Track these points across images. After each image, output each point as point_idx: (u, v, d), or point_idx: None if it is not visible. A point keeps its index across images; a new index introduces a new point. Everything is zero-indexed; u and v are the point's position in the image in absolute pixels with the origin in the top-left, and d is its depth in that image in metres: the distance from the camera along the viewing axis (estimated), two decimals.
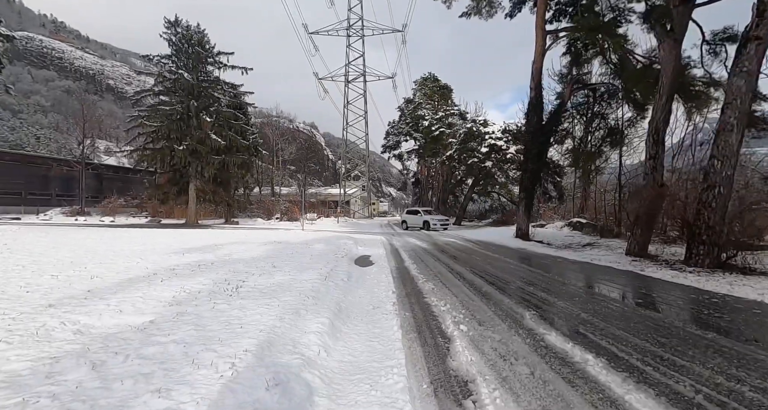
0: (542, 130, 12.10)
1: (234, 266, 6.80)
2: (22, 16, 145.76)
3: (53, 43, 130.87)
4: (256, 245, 10.88)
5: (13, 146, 68.41)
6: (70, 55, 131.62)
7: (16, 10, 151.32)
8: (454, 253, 9.74)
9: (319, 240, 12.94)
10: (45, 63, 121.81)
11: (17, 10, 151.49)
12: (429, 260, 8.45)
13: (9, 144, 70.90)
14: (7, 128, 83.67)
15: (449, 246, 11.89)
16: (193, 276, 5.71)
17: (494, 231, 18.44)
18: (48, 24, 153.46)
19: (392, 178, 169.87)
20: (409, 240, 14.12)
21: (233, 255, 8.53)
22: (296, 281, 5.18)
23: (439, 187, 37.67)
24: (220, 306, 3.79)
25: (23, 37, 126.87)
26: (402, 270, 7.08)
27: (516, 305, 4.23)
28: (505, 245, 11.70)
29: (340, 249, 10.17)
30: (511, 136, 23.16)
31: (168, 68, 23.05)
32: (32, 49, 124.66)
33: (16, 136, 79.85)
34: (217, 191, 25.49)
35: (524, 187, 12.74)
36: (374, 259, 8.88)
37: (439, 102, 33.60)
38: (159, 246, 10.18)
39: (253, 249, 9.65)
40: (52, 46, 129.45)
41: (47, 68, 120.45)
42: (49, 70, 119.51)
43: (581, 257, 8.44)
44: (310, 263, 7.09)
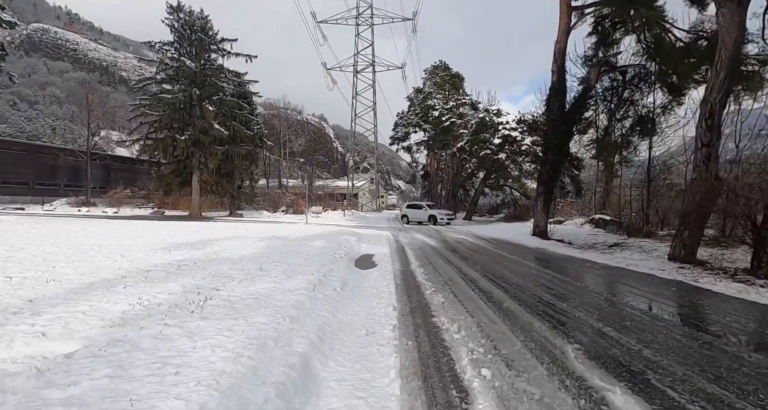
0: (564, 117, 10.93)
1: (217, 267, 6.02)
2: (38, 8, 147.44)
3: (67, 35, 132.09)
4: (252, 241, 10.13)
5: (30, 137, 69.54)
6: (84, 46, 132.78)
7: (31, 2, 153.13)
8: (466, 253, 8.80)
9: (320, 235, 12.15)
10: (60, 54, 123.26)
11: (33, 2, 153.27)
12: (438, 262, 7.54)
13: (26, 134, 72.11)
14: (24, 119, 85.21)
15: (460, 244, 10.94)
16: (164, 281, 4.93)
17: (508, 228, 17.36)
18: (63, 16, 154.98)
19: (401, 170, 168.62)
20: (417, 237, 13.21)
21: (223, 253, 7.77)
22: (279, 291, 4.34)
23: (449, 180, 36.50)
24: (170, 330, 2.97)
25: (38, 29, 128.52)
26: (407, 274, 6.19)
27: (551, 332, 3.30)
28: (522, 244, 10.69)
29: (341, 246, 9.34)
30: (526, 127, 21.83)
31: (170, 55, 22.32)
32: (47, 40, 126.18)
33: (32, 127, 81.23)
34: (221, 183, 24.92)
35: (543, 180, 11.64)
36: (377, 260, 8.01)
37: (450, 91, 32.20)
38: (150, 241, 9.53)
39: (246, 246, 8.89)
40: (66, 37, 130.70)
41: (62, 60, 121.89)
42: (63, 62, 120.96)
43: (613, 261, 7.40)
44: (302, 265, 6.26)
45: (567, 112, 10.95)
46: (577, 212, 17.83)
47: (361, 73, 56.36)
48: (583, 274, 6.22)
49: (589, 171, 23.68)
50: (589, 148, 14.80)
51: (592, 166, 23.29)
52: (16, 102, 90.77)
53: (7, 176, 27.13)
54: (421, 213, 21.28)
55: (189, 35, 23.31)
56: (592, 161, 22.70)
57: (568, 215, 17.49)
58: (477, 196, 26.58)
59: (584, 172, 22.86)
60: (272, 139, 58.08)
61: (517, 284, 5.36)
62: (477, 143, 22.90)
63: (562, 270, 6.59)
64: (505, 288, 5.05)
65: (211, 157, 22.89)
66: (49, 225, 13.44)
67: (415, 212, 21.69)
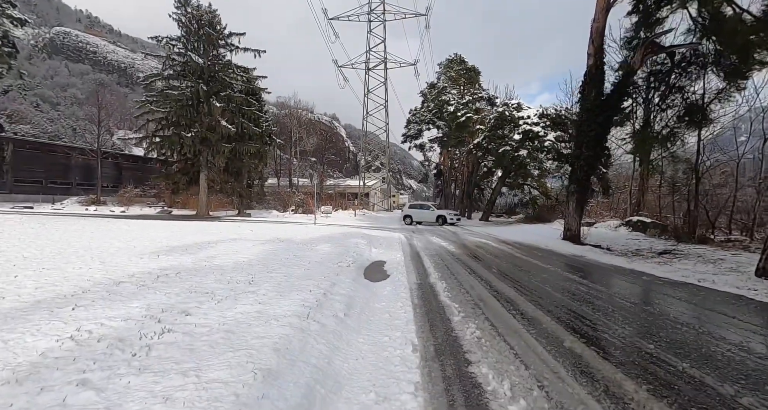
0: (603, 107, 9.60)
1: (201, 279, 5.07)
2: (60, 12, 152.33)
3: (88, 38, 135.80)
4: (252, 244, 9.22)
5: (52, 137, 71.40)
6: (104, 49, 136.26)
7: (54, 6, 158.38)
8: (492, 262, 7.63)
9: (328, 238, 11.18)
10: (80, 57, 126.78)
11: (55, 6, 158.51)
12: (460, 272, 6.42)
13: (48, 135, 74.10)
14: (46, 120, 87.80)
15: (482, 249, 9.76)
16: (129, 300, 3.99)
17: (531, 230, 16.03)
18: (83, 19, 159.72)
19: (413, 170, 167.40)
20: (432, 240, 12.08)
21: (216, 259, 6.86)
22: (263, 318, 3.33)
23: (464, 179, 35.09)
24: (81, 396, 1.97)
25: (60, 32, 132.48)
26: (426, 290, 5.10)
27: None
28: (554, 250, 9.43)
29: (349, 252, 8.32)
30: (549, 121, 20.36)
31: (177, 50, 21.77)
32: (69, 43, 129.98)
33: (54, 128, 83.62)
34: (229, 181, 24.33)
35: (576, 178, 10.33)
36: (389, 269, 6.93)
37: (465, 86, 30.83)
38: (143, 244, 8.75)
39: (244, 251, 7.97)
40: (87, 40, 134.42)
41: (82, 62, 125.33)
42: (84, 64, 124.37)
43: (676, 274, 6.11)
44: (301, 277, 5.25)
45: (605, 100, 9.62)
46: (609, 213, 16.32)
47: (372, 71, 55.41)
48: (650, 294, 5.00)
49: (618, 169, 22.03)
50: (625, 142, 13.35)
51: (621, 164, 21.65)
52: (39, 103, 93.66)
53: (20, 175, 27.24)
54: (427, 214, 20.42)
55: (196, 30, 22.73)
56: (621, 158, 21.09)
57: (598, 216, 16.03)
58: (495, 195, 25.19)
59: (611, 170, 21.24)
60: (283, 137, 57.76)
61: (570, 308, 4.20)
62: (495, 139, 21.55)
63: (619, 288, 5.37)
64: (557, 315, 3.90)
65: (219, 154, 22.27)
66: (49, 225, 12.91)
67: (420, 212, 20.78)
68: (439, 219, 19.81)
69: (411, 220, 20.47)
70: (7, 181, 26.26)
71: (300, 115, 58.13)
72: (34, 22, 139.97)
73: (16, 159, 26.80)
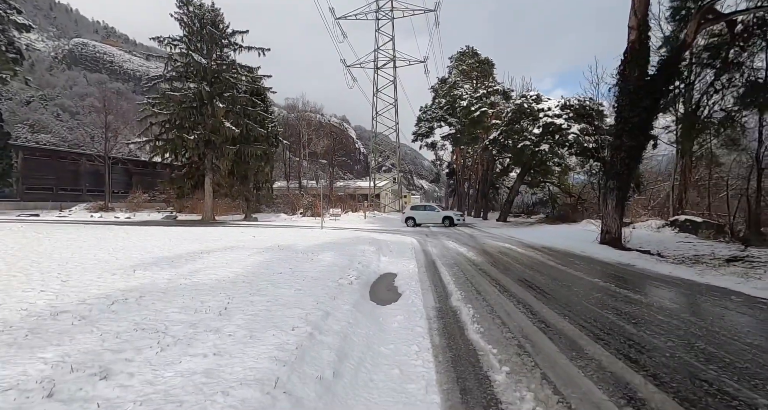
0: (648, 88, 8.17)
1: (164, 307, 4.00)
2: (78, 24, 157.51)
3: (105, 48, 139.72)
4: (248, 254, 8.20)
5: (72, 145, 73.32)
6: (120, 58, 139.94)
7: (73, 19, 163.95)
8: (523, 273, 6.34)
9: (333, 244, 10.08)
10: (98, 67, 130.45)
11: (74, 19, 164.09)
12: (488, 290, 5.17)
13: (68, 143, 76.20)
14: (66, 128, 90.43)
15: (507, 257, 8.45)
16: (46, 344, 2.93)
17: (557, 232, 14.55)
18: (100, 30, 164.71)
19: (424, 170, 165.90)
20: (448, 245, 10.82)
21: (197, 275, 5.84)
22: (210, 386, 2.20)
23: (478, 178, 33.56)
24: None
25: (79, 44, 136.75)
26: (449, 322, 3.87)
27: None
28: (594, 257, 8.05)
29: (354, 262, 7.17)
30: (572, 113, 18.76)
31: (179, 51, 21.16)
32: (87, 54, 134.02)
33: (73, 136, 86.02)
34: (235, 185, 23.58)
35: (615, 172, 8.89)
36: (400, 285, 5.74)
37: (478, 80, 29.35)
38: (130, 255, 7.89)
39: (236, 263, 6.94)
40: (104, 50, 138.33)
41: (99, 71, 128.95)
42: (101, 73, 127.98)
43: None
44: (289, 304, 4.11)
45: (651, 81, 8.18)
46: (644, 212, 14.69)
47: (381, 70, 54.38)
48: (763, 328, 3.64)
49: (647, 163, 20.22)
50: (667, 130, 11.76)
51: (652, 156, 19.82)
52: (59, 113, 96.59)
53: (31, 182, 27.24)
54: (433, 215, 19.60)
55: (199, 29, 22.09)
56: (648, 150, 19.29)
57: (634, 215, 14.40)
58: (513, 194, 23.64)
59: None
60: (292, 139, 57.26)
61: (662, 352, 2.91)
62: (513, 134, 20.08)
63: (716, 318, 4.02)
64: (652, 371, 2.63)
65: (223, 157, 21.53)
66: (43, 235, 12.28)
67: (424, 214, 19.82)
68: (445, 220, 19.07)
69: (414, 222, 19.41)
70: (17, 189, 26.25)
71: (310, 118, 57.46)
72: (54, 35, 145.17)
73: (26, 166, 26.80)
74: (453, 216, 19.05)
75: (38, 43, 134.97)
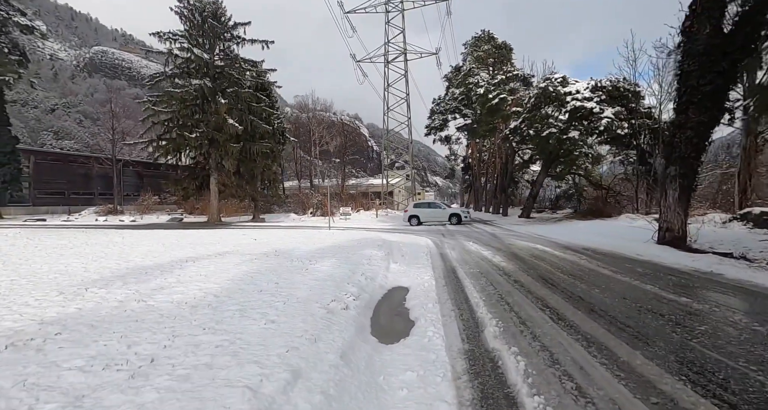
0: (724, 47, 6.43)
1: (74, 353, 2.78)
2: (98, 33, 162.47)
3: (123, 55, 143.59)
4: (237, 262, 7.02)
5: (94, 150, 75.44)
6: (137, 64, 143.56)
7: (93, 28, 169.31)
8: (573, 287, 4.82)
9: (337, 249, 8.79)
10: (117, 73, 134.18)
11: (94, 28, 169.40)
12: (534, 317, 3.70)
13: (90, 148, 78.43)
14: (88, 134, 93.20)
15: (544, 262, 6.91)
16: None
17: (594, 229, 12.78)
18: (119, 37, 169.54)
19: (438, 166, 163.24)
20: (469, 247, 9.33)
21: (161, 293, 4.69)
22: None
23: (496, 171, 31.59)
24: None
25: (98, 52, 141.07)
26: (488, 381, 2.47)
27: None
28: (658, 262, 6.41)
29: (357, 273, 5.83)
30: (605, 95, 16.77)
31: (179, 45, 20.31)
32: (106, 61, 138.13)
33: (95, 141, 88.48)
34: (241, 185, 22.67)
35: (678, 155, 7.18)
36: (413, 307, 4.35)
37: (495, 66, 27.41)
38: (106, 265, 6.98)
39: (219, 274, 5.77)
40: (122, 57, 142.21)
41: (119, 78, 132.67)
42: (120, 80, 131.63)
43: None
44: (249, 348, 2.80)
45: (728, 37, 6.43)
46: (701, 203, 12.70)
47: (392, 64, 52.74)
48: None
49: None
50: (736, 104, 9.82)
51: None
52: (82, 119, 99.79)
53: (42, 186, 27.22)
54: (438, 213, 18.16)
55: (200, 23, 21.19)
56: None
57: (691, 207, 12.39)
58: (537, 188, 21.73)
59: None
60: (303, 137, 56.43)
61: None
62: (536, 121, 18.23)
63: None
64: None
65: (228, 156, 20.60)
66: (34, 241, 11.61)
67: (429, 211, 18.37)
68: (452, 218, 17.71)
69: (418, 221, 18.00)
70: (30, 193, 26.22)
71: (321, 117, 56.29)
72: (76, 44, 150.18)
73: (37, 171, 26.75)
74: (461, 214, 17.87)
75: (61, 52, 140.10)
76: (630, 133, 17.38)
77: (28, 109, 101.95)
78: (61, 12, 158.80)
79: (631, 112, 17.07)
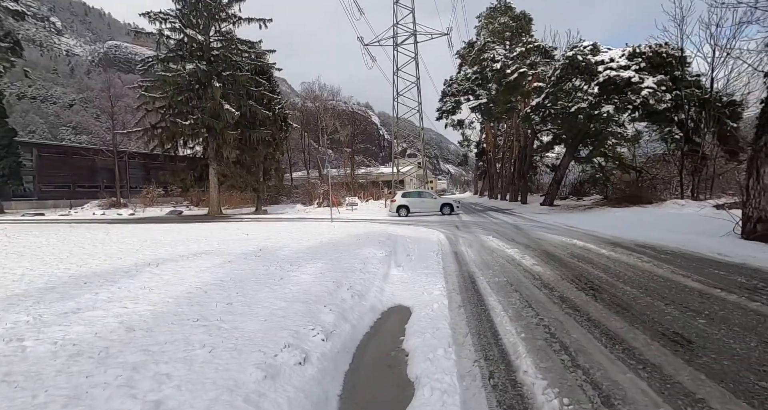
0: None
1: None
2: (111, 27, 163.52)
3: (135, 48, 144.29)
4: (205, 267, 5.79)
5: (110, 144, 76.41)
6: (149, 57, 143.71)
7: (106, 22, 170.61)
8: (655, 311, 3.21)
9: (331, 247, 7.37)
10: (131, 67, 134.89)
11: (107, 22, 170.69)
12: (627, 388, 2.15)
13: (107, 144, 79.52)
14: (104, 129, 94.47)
15: (593, 265, 5.26)
16: None
17: (637, 219, 10.89)
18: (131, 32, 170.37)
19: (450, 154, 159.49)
20: (489, 244, 7.71)
21: (68, 318, 3.50)
22: None
23: (513, 156, 29.34)
24: None
25: (112, 46, 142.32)
26: None
27: None
28: (761, 267, 4.68)
29: (342, 286, 4.35)
30: (645, 62, 14.44)
31: (169, 25, 18.92)
32: (120, 56, 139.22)
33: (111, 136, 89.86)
34: (241, 175, 21.49)
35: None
36: (414, 351, 2.84)
37: (512, 40, 24.92)
38: (47, 270, 5.95)
39: (170, 288, 4.50)
40: (135, 51, 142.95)
41: (133, 72, 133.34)
42: (134, 74, 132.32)
43: None
44: None
45: None
46: None
47: (401, 46, 50.17)
48: None
49: None
50: None
51: None
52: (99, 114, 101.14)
53: (47, 180, 26.82)
54: (429, 203, 16.90)
55: (193, 1, 19.68)
56: None
57: (738, 192, 10.33)
58: (561, 172, 19.60)
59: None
60: (312, 125, 54.81)
61: None
62: (562, 96, 16.07)
63: None
64: None
65: (226, 144, 19.35)
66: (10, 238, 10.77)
67: (419, 201, 17.00)
68: (444, 208, 16.57)
69: (407, 211, 16.69)
70: (35, 187, 25.84)
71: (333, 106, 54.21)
72: (90, 39, 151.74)
73: (41, 164, 26.30)
74: (452, 204, 16.82)
75: (77, 48, 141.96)
76: (672, 106, 15.06)
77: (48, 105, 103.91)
78: (75, 8, 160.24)
79: (676, 81, 14.71)
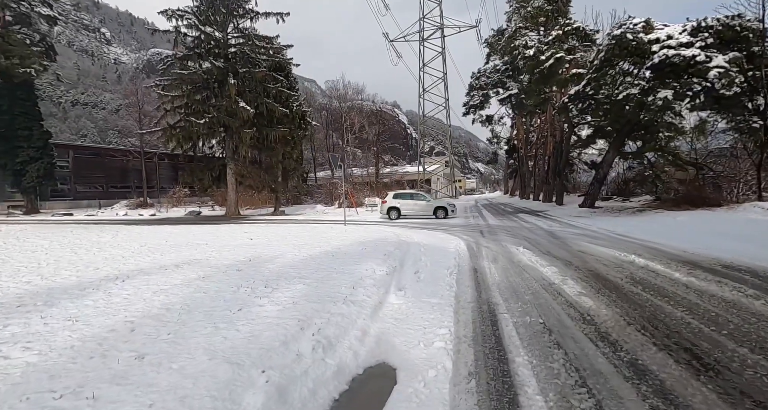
0: None
1: None
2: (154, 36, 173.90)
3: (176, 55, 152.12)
4: (163, 289, 4.85)
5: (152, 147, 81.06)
6: None
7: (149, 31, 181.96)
8: None
9: (325, 260, 6.29)
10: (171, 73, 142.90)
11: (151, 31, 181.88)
12: None
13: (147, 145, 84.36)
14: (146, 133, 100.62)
15: (667, 299, 3.73)
16: None
17: (708, 226, 8.88)
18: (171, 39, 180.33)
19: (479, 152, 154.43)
20: (519, 258, 6.25)
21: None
22: None
23: (547, 152, 26.88)
24: None
25: (155, 54, 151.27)
26: None
27: None
28: None
29: (308, 329, 3.18)
30: (714, 37, 12.06)
31: (186, 22, 18.78)
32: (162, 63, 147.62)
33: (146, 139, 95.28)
34: (259, 174, 21.06)
35: None
36: None
37: (547, 25, 22.63)
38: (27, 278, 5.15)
39: (102, 318, 3.55)
40: None
41: None
42: None
43: None
44: None
45: None
46: None
47: (427, 41, 48.45)
48: None
49: None
50: None
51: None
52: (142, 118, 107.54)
53: (82, 181, 27.99)
54: (422, 206, 15.72)
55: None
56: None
57: None
58: (605, 169, 17.26)
59: None
60: (336, 124, 54.36)
61: None
62: (607, 82, 13.96)
63: None
64: None
65: (242, 143, 18.95)
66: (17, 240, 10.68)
67: (411, 204, 15.81)
68: (438, 211, 15.41)
69: (398, 214, 15.60)
70: (70, 188, 26.99)
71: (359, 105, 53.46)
72: (135, 48, 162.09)
73: (76, 165, 27.44)
74: (447, 207, 15.61)
75: (123, 56, 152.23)
76: (747, 90, 12.56)
77: (98, 110, 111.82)
78: (122, 19, 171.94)
79: (753, 58, 12.21)
